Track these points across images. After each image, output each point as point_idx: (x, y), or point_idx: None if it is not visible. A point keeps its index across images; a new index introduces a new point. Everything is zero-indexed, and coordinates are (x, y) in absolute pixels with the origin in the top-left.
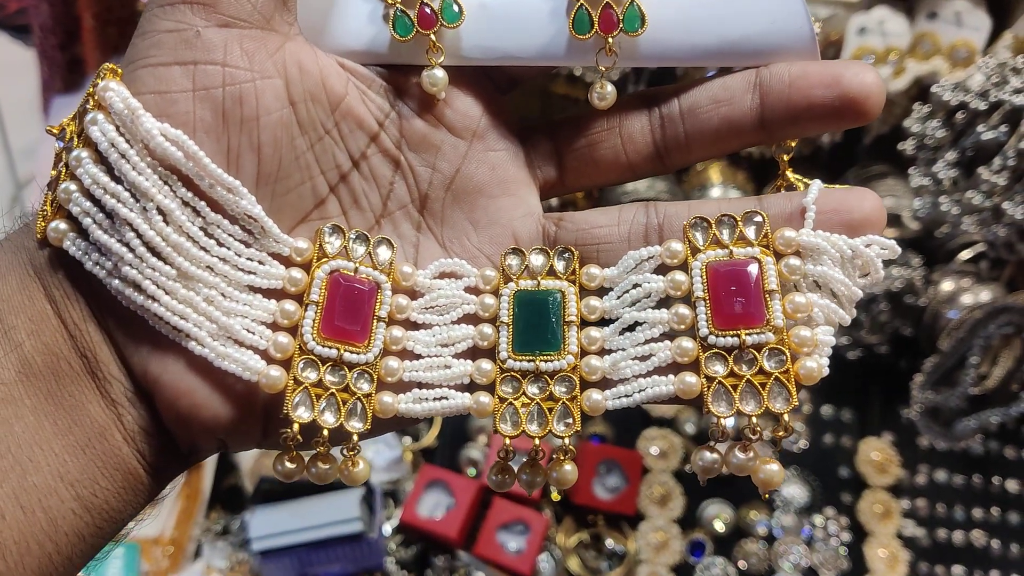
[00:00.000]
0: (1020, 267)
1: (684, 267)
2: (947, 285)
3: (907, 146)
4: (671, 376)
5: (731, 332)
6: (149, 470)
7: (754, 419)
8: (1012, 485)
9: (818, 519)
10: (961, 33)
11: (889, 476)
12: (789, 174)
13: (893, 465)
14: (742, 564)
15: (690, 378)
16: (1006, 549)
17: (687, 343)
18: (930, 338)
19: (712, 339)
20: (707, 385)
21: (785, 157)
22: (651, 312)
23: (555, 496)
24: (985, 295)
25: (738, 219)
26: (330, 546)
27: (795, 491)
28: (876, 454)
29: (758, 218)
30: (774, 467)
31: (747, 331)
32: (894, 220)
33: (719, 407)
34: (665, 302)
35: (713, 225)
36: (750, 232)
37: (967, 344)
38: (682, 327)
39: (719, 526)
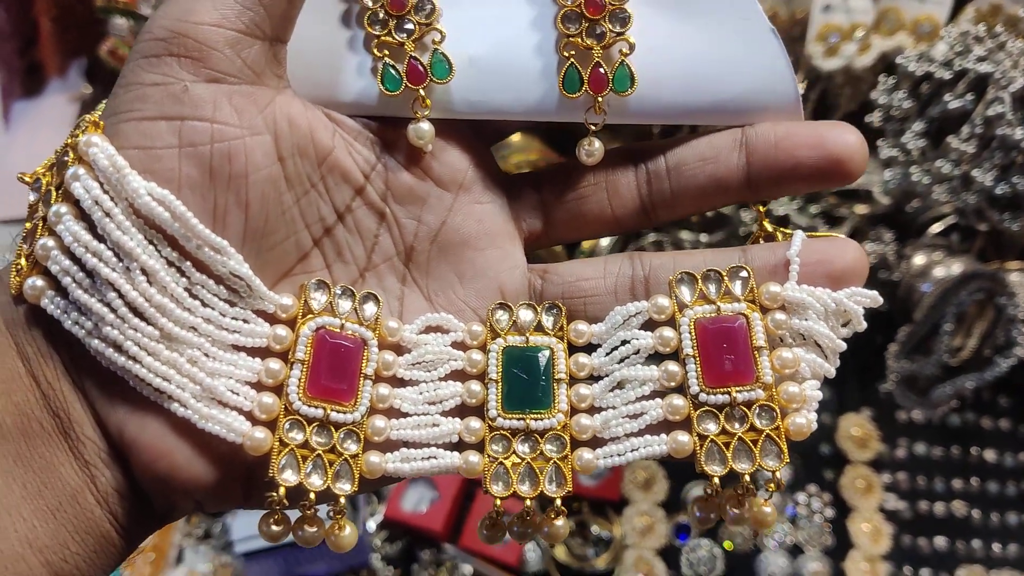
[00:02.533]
0: (990, 238)
1: (671, 322)
2: (919, 259)
3: (874, 118)
4: (663, 435)
5: (722, 390)
6: (121, 532)
7: (747, 476)
8: (990, 455)
9: (801, 496)
10: (924, 8)
11: (869, 451)
12: (767, 224)
13: (873, 440)
14: (728, 545)
15: (683, 437)
16: (987, 519)
17: (678, 401)
18: (905, 312)
19: (703, 397)
20: (700, 443)
21: (762, 208)
22: (642, 370)
23: None
24: (957, 267)
25: (724, 274)
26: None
27: None
28: (856, 429)
29: (744, 273)
30: (767, 509)
31: (737, 388)
32: (865, 196)
33: (713, 466)
34: (653, 357)
35: (700, 280)
36: (736, 287)
37: (939, 311)
38: (672, 384)
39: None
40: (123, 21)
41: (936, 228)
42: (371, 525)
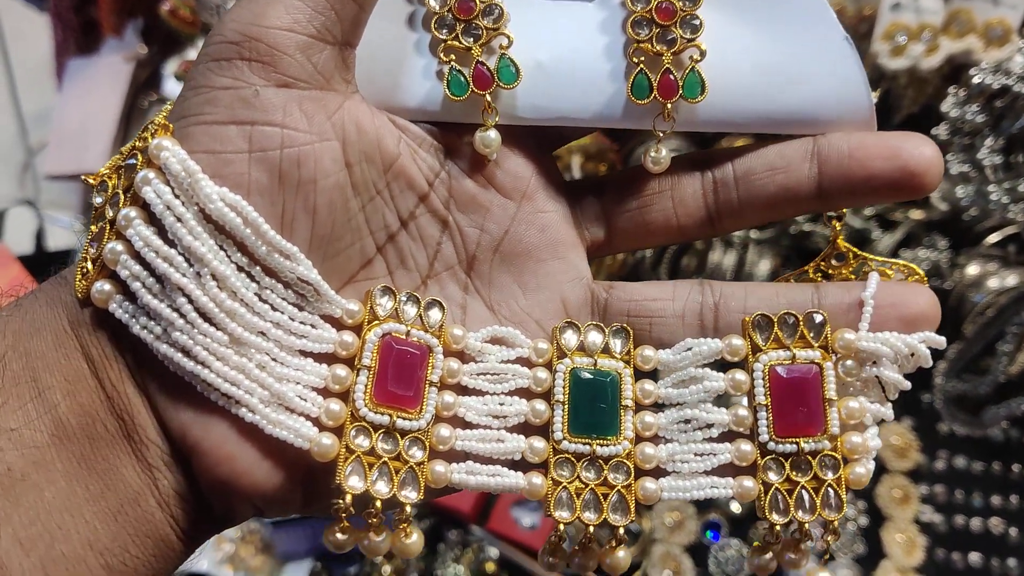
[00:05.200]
0: None
1: (743, 364)
2: (973, 269)
3: (940, 131)
4: (730, 479)
5: (791, 440)
6: (181, 536)
7: (806, 524)
8: None
9: None
10: (997, 11)
11: (908, 461)
12: (840, 242)
13: (912, 450)
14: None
15: (748, 483)
16: None
17: (746, 447)
18: (955, 322)
19: (772, 446)
20: (764, 491)
21: (837, 225)
22: (713, 412)
23: None
24: (1012, 279)
25: (801, 319)
26: None
27: None
28: (896, 438)
29: (819, 319)
30: (823, 574)
31: (805, 439)
32: (922, 201)
33: (775, 515)
34: (722, 396)
35: (776, 325)
36: (811, 334)
37: (994, 330)
38: (740, 429)
39: (735, 507)
40: None
41: (993, 238)
42: None
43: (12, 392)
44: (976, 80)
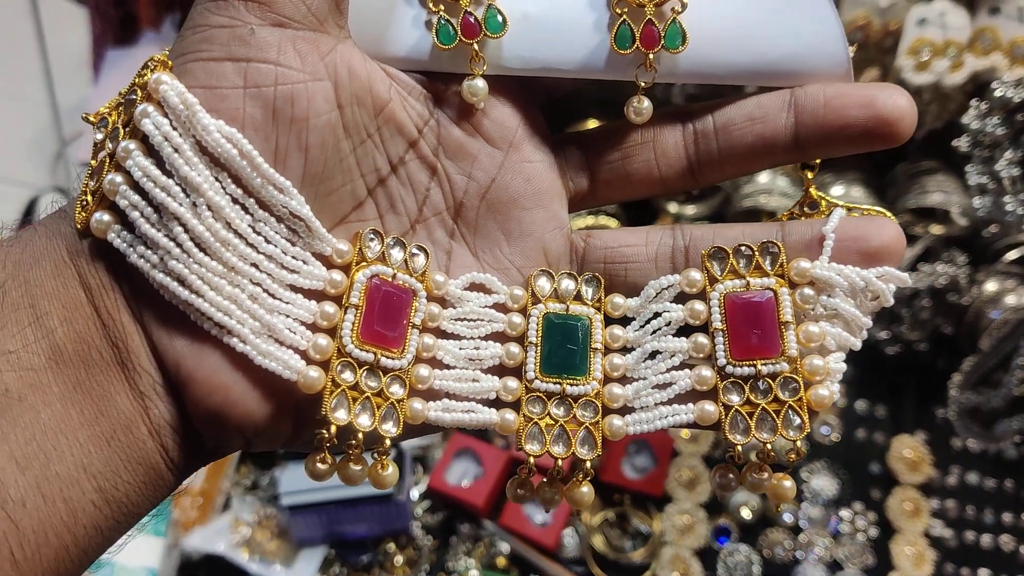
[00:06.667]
0: None
1: (702, 295)
2: (991, 285)
3: (962, 143)
4: (691, 404)
5: (748, 363)
6: (171, 466)
7: (768, 445)
8: None
9: (845, 513)
10: (1023, 30)
11: (920, 475)
12: (812, 191)
13: (925, 464)
14: (767, 553)
15: (709, 407)
16: None
17: (706, 372)
18: (971, 337)
19: (730, 369)
20: (725, 413)
21: (810, 174)
22: (672, 341)
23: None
24: None
25: (755, 249)
26: (358, 505)
27: (824, 483)
28: (908, 452)
29: (774, 249)
30: (787, 483)
31: (763, 361)
32: (943, 216)
33: (736, 435)
34: (684, 329)
35: (731, 255)
36: (766, 262)
37: (1010, 344)
38: (700, 355)
39: (746, 513)
40: None
41: (1012, 255)
42: (414, 494)
43: (11, 318)
44: (997, 93)
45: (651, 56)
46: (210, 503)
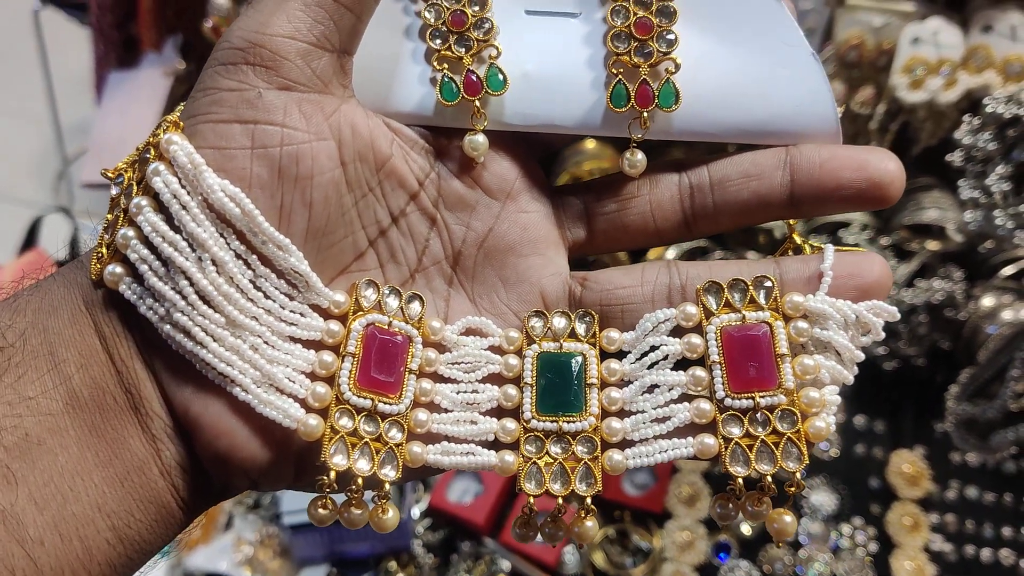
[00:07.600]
0: None
1: (698, 329)
2: (988, 300)
3: (955, 157)
4: (690, 438)
5: (746, 395)
6: (182, 505)
7: (768, 477)
8: None
9: (845, 528)
10: (1015, 48)
11: (919, 489)
12: (796, 237)
13: (924, 479)
14: (767, 568)
15: (708, 439)
16: None
17: (705, 405)
18: (968, 352)
19: (729, 401)
20: (724, 446)
21: (792, 221)
22: (670, 375)
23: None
24: None
25: (749, 284)
26: None
27: (824, 499)
28: (908, 466)
29: (768, 283)
30: (788, 519)
31: (761, 394)
32: (939, 232)
33: (737, 467)
34: (681, 363)
35: (726, 289)
36: (760, 296)
37: (1005, 356)
38: (698, 389)
39: (746, 529)
40: (224, 0)
41: (1008, 270)
42: (415, 512)
43: (31, 364)
44: (989, 109)
45: (645, 114)
46: (212, 522)
